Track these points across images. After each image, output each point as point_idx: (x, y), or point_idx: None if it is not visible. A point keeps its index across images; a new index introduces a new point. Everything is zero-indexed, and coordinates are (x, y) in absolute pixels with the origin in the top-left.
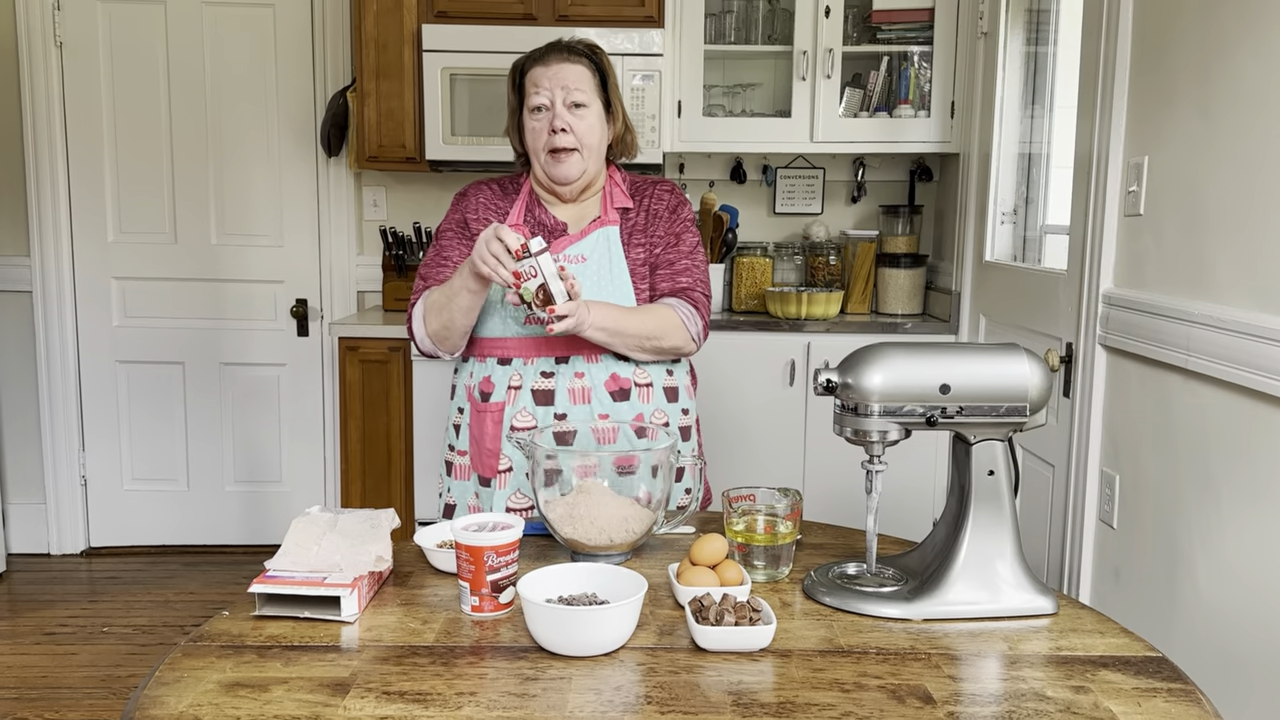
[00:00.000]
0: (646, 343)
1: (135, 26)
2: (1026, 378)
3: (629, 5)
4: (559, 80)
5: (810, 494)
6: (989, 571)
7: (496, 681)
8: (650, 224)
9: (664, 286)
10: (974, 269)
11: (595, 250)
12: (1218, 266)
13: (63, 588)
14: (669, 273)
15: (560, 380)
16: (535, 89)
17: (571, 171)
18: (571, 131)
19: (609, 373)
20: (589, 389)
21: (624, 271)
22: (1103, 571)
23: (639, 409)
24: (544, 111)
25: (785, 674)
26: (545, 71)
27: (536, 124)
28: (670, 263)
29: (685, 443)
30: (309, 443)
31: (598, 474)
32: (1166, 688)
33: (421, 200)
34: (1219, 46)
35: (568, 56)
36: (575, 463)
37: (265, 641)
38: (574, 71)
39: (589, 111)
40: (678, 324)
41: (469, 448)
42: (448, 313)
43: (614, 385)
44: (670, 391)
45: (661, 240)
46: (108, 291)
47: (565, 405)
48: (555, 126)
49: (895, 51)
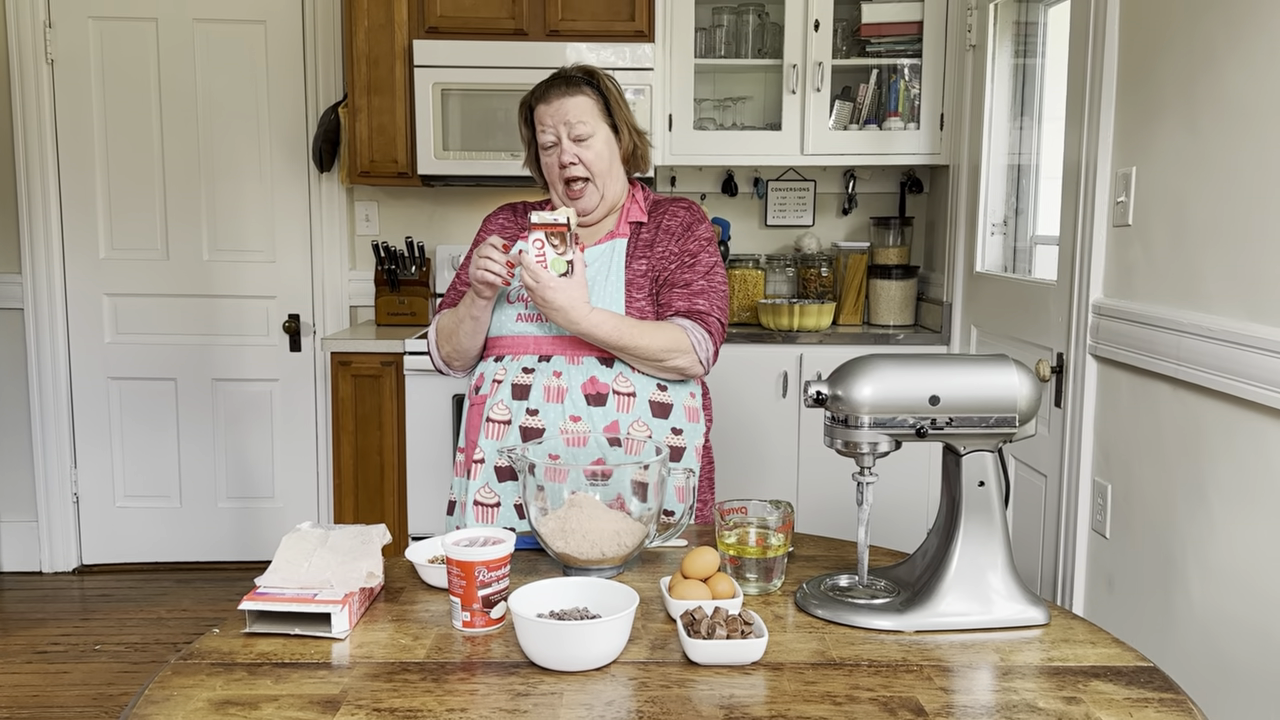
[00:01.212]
0: (652, 358)
1: (126, 43)
2: (1015, 389)
3: (620, 20)
4: (561, 116)
5: (804, 506)
6: (980, 583)
7: (488, 698)
8: (659, 239)
9: (679, 305)
10: (965, 280)
11: (599, 259)
12: (1206, 276)
13: (55, 605)
14: (686, 293)
15: (538, 377)
16: (542, 127)
17: (588, 204)
18: (580, 162)
19: (588, 375)
20: (564, 389)
21: (619, 282)
22: (1096, 581)
23: (614, 417)
24: (554, 148)
25: (777, 687)
26: (548, 109)
27: (549, 159)
28: (687, 283)
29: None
30: (302, 458)
31: (589, 486)
32: (1158, 698)
33: (414, 215)
34: (1205, 58)
35: (567, 90)
36: (564, 484)
37: (256, 659)
38: (575, 104)
39: (595, 140)
40: (688, 346)
41: (466, 444)
42: (456, 337)
43: (591, 389)
44: (659, 407)
45: (675, 257)
46: (99, 308)
47: (539, 402)
48: (563, 161)
49: (884, 64)
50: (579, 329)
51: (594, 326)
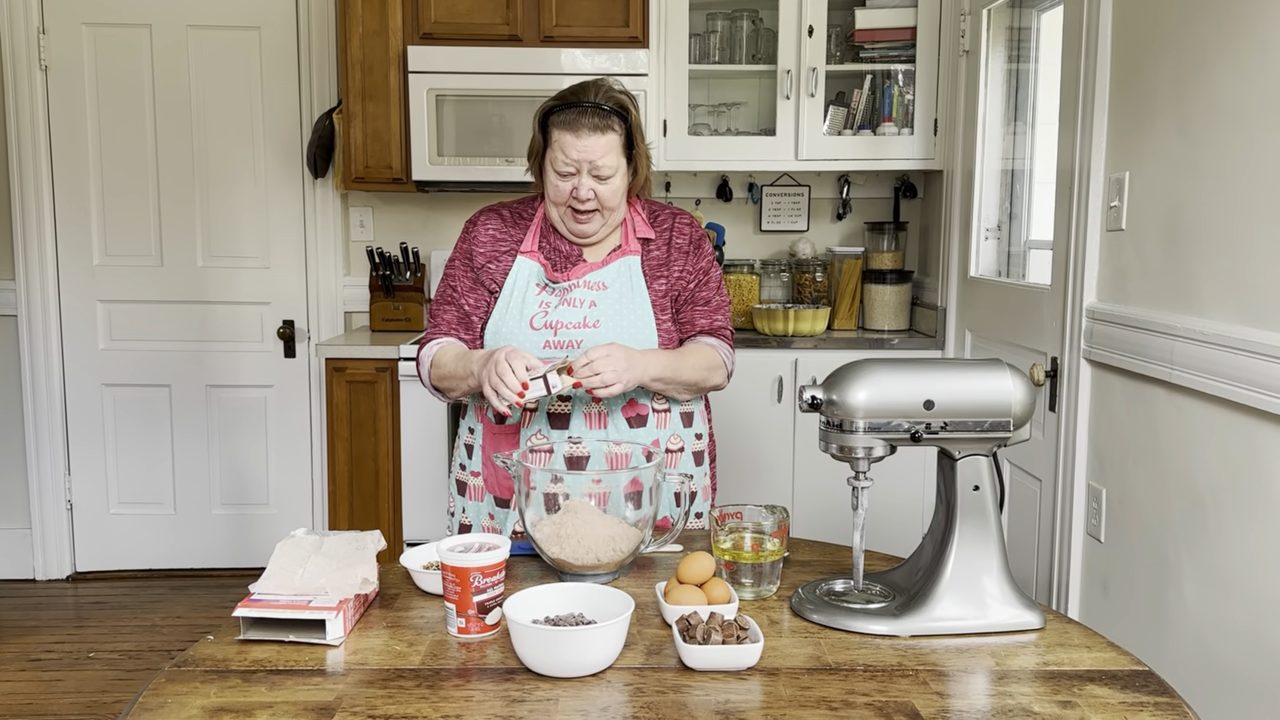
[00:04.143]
0: (696, 385)
1: (120, 50)
2: (1009, 393)
3: (614, 26)
4: (587, 155)
5: (800, 510)
6: (976, 587)
7: (483, 704)
8: (672, 257)
9: (702, 323)
10: (959, 284)
11: (617, 279)
12: (1200, 280)
13: (48, 613)
14: (706, 310)
15: (577, 405)
16: (564, 155)
17: (590, 230)
18: (595, 197)
19: (626, 399)
20: (605, 415)
21: (645, 302)
22: (1091, 585)
23: (655, 434)
24: (571, 176)
25: (773, 692)
26: (576, 142)
27: (560, 184)
28: (706, 300)
29: (698, 468)
30: (296, 464)
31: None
32: (1153, 701)
33: (408, 221)
34: (1196, 63)
35: (598, 126)
36: (561, 489)
37: (250, 666)
38: (602, 145)
39: (614, 178)
40: (719, 364)
41: (483, 469)
42: (454, 386)
43: (631, 411)
44: (686, 417)
45: (691, 276)
46: (93, 315)
47: (580, 429)
48: (580, 196)
49: (878, 70)
50: (637, 384)
51: (651, 373)
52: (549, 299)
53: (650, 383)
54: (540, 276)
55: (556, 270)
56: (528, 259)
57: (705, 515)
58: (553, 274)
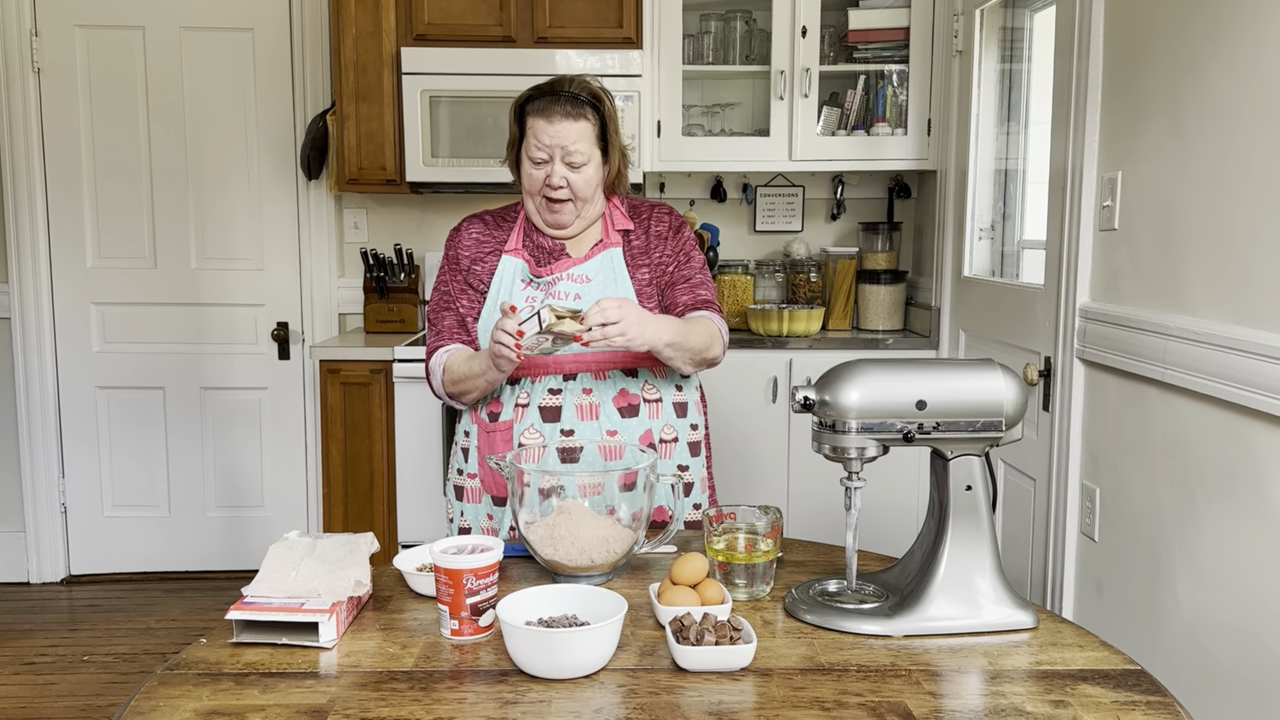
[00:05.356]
0: (699, 355)
1: (113, 52)
2: (1002, 393)
3: (608, 27)
4: (559, 140)
5: (794, 511)
6: (969, 586)
7: (476, 706)
8: (652, 245)
9: (685, 300)
10: (953, 284)
11: (600, 271)
12: (1192, 280)
13: (42, 617)
14: (688, 286)
15: (568, 397)
16: (536, 142)
17: (564, 219)
18: (567, 185)
19: (617, 389)
20: (597, 405)
21: (629, 292)
22: (1085, 584)
23: (648, 425)
24: (544, 164)
25: (766, 693)
26: (548, 128)
27: (534, 172)
28: (687, 278)
29: (695, 458)
30: (291, 466)
31: (582, 494)
32: (1145, 700)
33: (402, 222)
34: (1189, 64)
35: (571, 113)
36: (555, 484)
37: (243, 669)
38: (575, 131)
39: (587, 166)
40: (717, 334)
41: (479, 470)
42: (468, 387)
43: (623, 401)
44: (680, 407)
45: (671, 259)
46: (87, 317)
47: (573, 421)
48: (552, 183)
49: (872, 70)
50: (643, 346)
51: (658, 337)
52: (534, 294)
53: (663, 348)
54: (524, 272)
55: (540, 266)
56: (512, 257)
57: (704, 507)
58: (536, 269)
